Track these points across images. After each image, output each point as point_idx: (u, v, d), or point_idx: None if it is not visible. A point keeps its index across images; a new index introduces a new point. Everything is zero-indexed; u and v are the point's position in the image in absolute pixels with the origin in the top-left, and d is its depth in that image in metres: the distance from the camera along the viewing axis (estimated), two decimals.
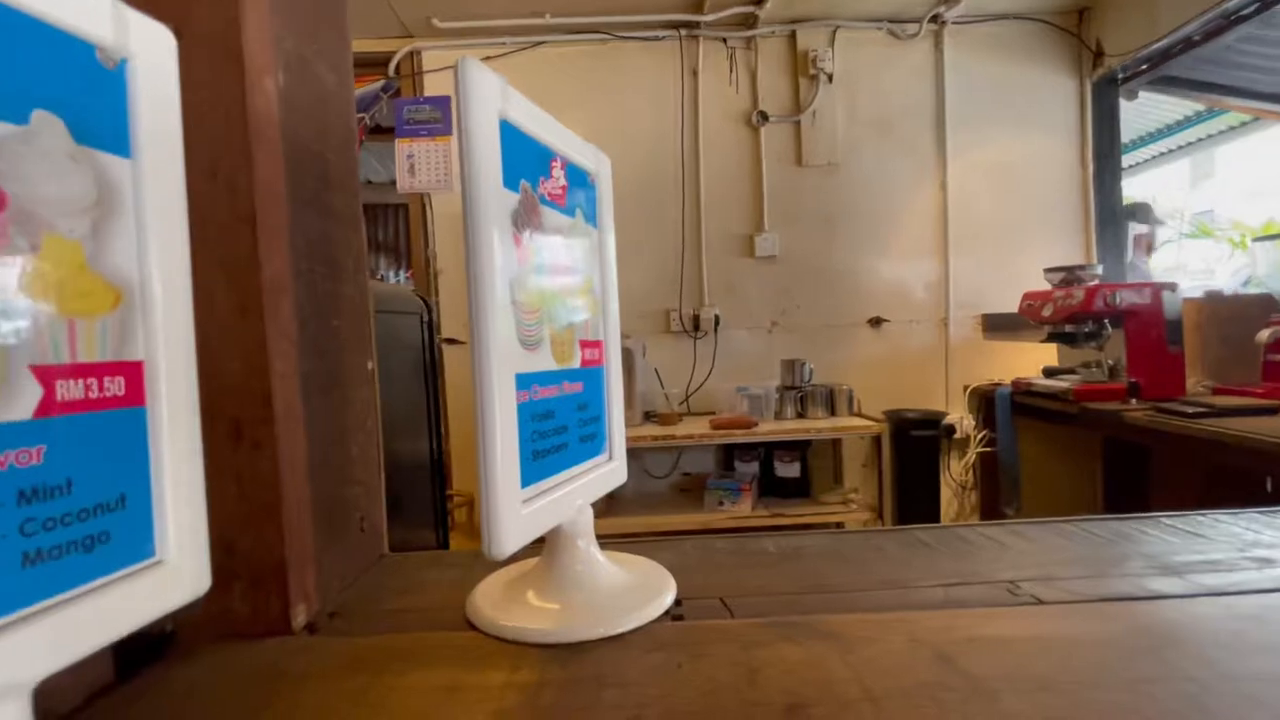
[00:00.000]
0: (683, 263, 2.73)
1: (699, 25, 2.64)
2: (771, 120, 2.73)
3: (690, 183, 2.73)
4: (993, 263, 2.74)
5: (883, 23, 2.70)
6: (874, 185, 2.74)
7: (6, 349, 0.17)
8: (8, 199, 0.17)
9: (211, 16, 0.27)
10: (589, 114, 2.70)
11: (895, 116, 2.73)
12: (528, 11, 2.54)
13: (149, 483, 0.21)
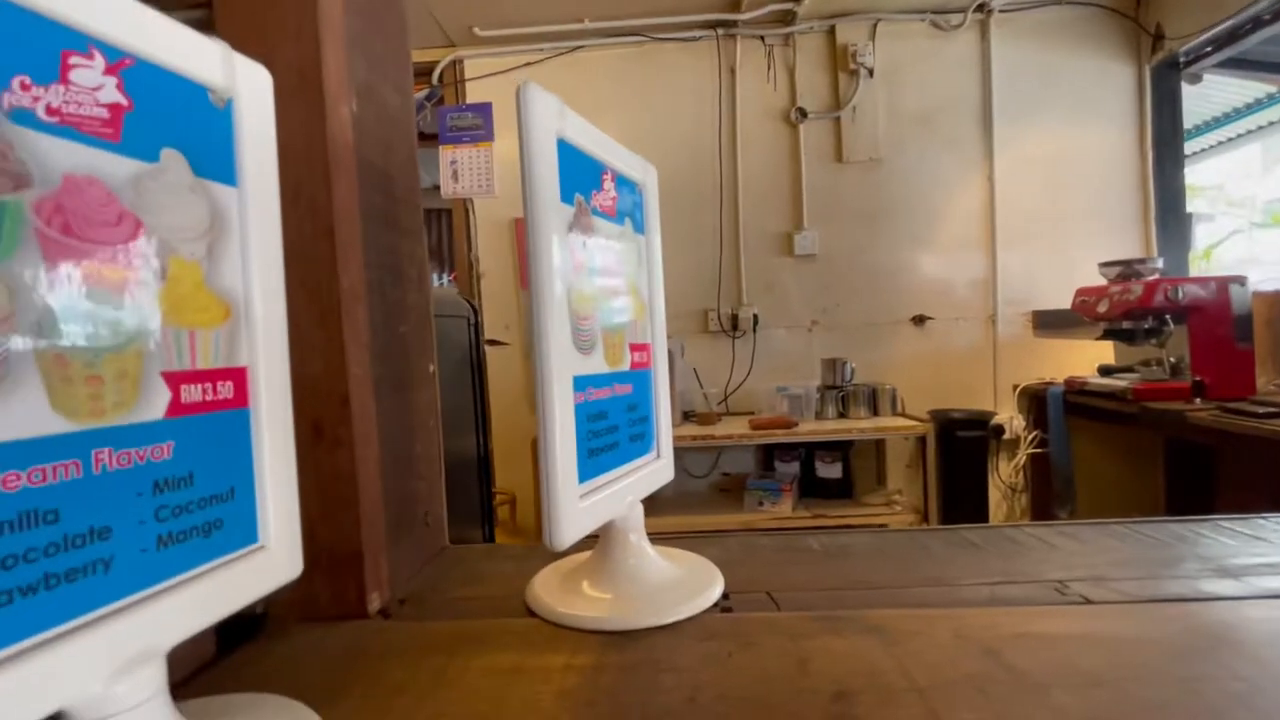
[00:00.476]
0: (720, 262, 2.73)
1: (736, 24, 2.64)
2: (811, 117, 2.70)
3: (728, 182, 2.73)
4: (1043, 258, 2.65)
5: (925, 14, 2.64)
6: (917, 180, 2.68)
7: (145, 357, 0.19)
8: (142, 228, 0.19)
9: (296, 52, 0.30)
10: (627, 115, 2.72)
11: (939, 110, 2.67)
12: (567, 17, 2.57)
13: (252, 476, 0.23)
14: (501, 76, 2.70)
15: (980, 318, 2.71)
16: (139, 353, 0.19)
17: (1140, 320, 1.97)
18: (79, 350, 0.17)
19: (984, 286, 2.71)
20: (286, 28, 0.30)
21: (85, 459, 0.17)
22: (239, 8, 0.30)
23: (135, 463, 0.19)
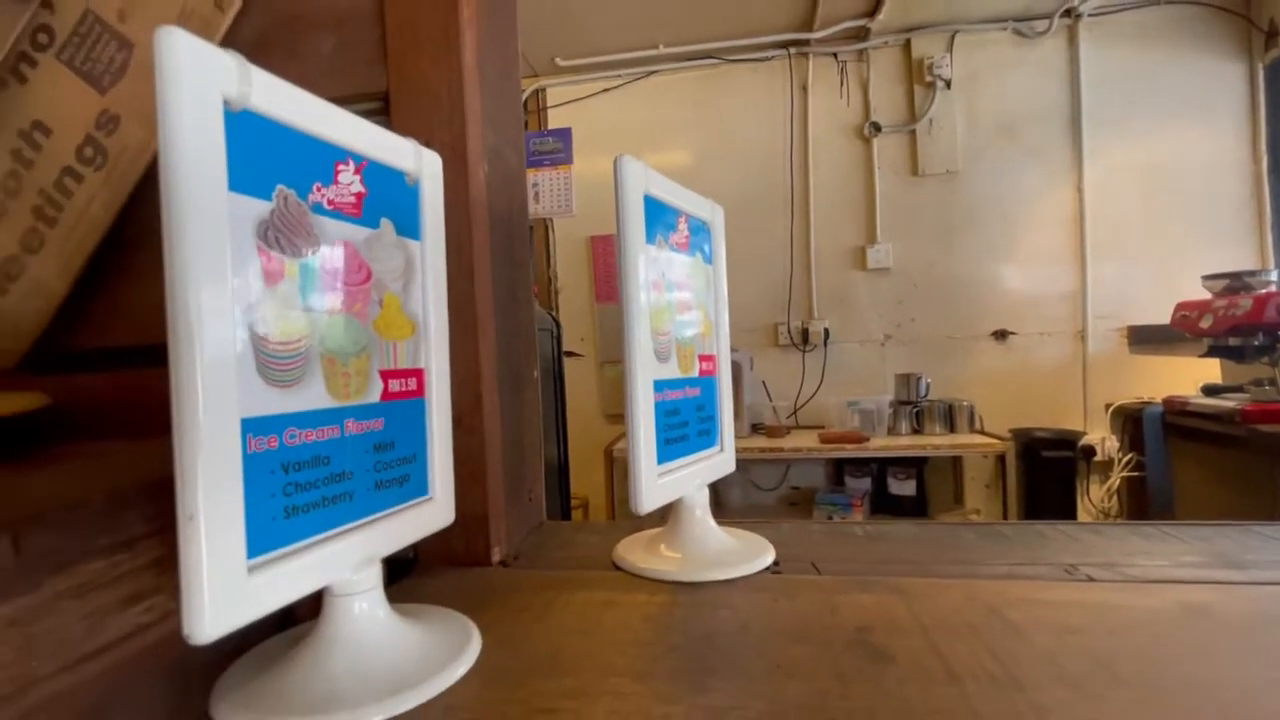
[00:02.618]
0: (791, 276, 2.75)
1: (809, 43, 2.67)
2: (885, 131, 2.69)
3: (800, 196, 2.75)
4: (1139, 270, 2.50)
5: (1007, 23, 2.58)
6: (997, 192, 2.61)
7: (370, 359, 0.29)
8: (371, 274, 0.29)
9: (448, 133, 0.40)
10: (699, 134, 2.80)
11: (1021, 119, 2.59)
12: (642, 43, 2.70)
13: (426, 447, 0.32)
14: (581, 102, 2.86)
15: (1068, 333, 2.59)
16: (368, 356, 0.28)
17: (1250, 337, 1.85)
18: (340, 354, 0.27)
19: (1073, 300, 2.59)
20: (441, 114, 0.40)
21: (341, 425, 0.27)
22: (408, 100, 0.40)
23: (366, 430, 0.28)
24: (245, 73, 0.22)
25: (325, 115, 0.26)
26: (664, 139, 2.84)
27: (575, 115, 2.87)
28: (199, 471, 0.20)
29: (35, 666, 0.19)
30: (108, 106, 0.43)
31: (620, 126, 2.82)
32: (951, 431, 2.36)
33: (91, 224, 0.44)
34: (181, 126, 0.20)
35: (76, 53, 0.44)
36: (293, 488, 0.24)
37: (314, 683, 0.25)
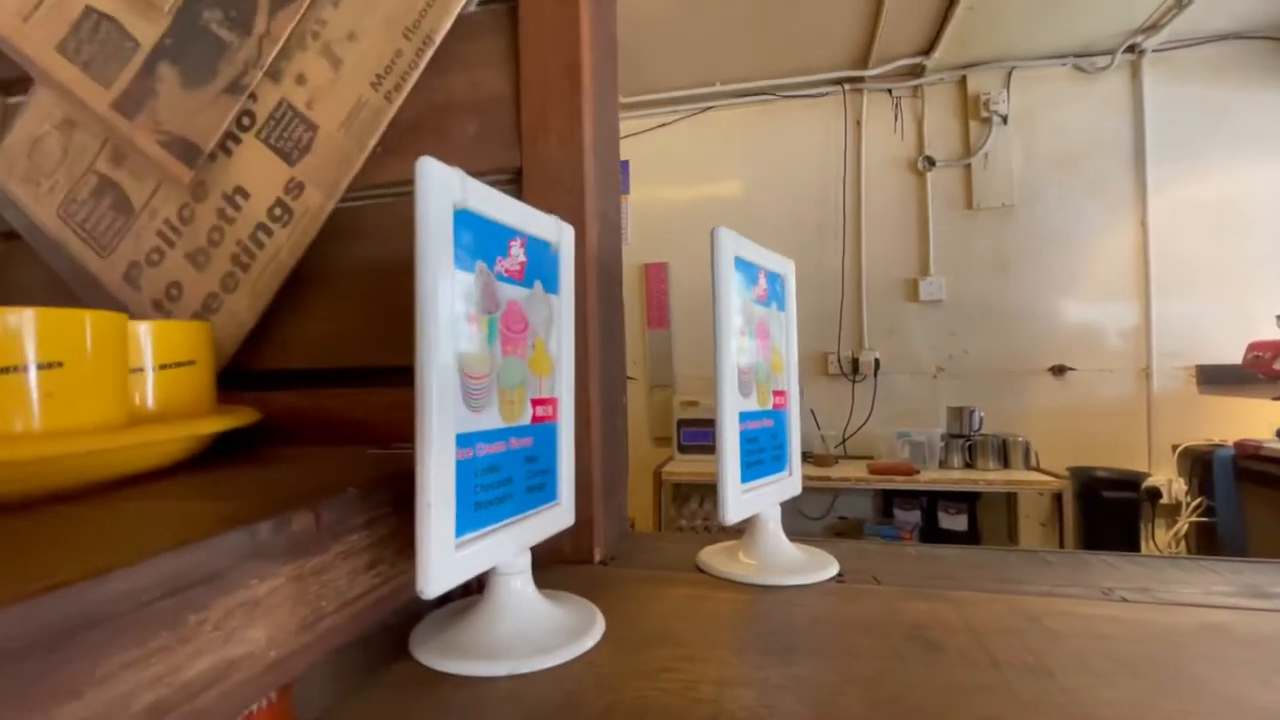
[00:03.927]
0: (841, 306, 2.78)
1: (863, 80, 2.74)
2: (939, 165, 2.71)
3: (851, 228, 2.79)
4: (1208, 307, 2.44)
5: (1066, 58, 2.59)
6: (1055, 226, 2.59)
7: (525, 390, 0.37)
8: (529, 325, 0.37)
9: (569, 203, 0.48)
10: (753, 167, 2.88)
11: (1081, 154, 2.58)
12: (699, 81, 2.81)
13: (556, 460, 0.40)
14: (639, 136, 2.98)
15: (1131, 370, 2.54)
16: (524, 387, 0.37)
17: None
18: (509, 386, 0.35)
19: (1136, 337, 2.54)
20: (564, 185, 0.49)
21: (507, 441, 0.35)
22: (537, 175, 0.49)
23: (521, 446, 0.36)
24: (465, 183, 0.31)
25: (506, 206, 0.35)
26: (717, 170, 2.93)
27: (630, 147, 2.99)
28: (432, 471, 0.28)
29: (324, 605, 0.28)
30: (295, 175, 0.54)
31: (674, 158, 2.93)
32: (1005, 467, 2.33)
33: (277, 269, 0.54)
34: (429, 222, 0.29)
35: (272, 133, 0.55)
36: (480, 488, 0.32)
37: (486, 638, 0.32)
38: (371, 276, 0.55)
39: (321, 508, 0.28)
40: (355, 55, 0.53)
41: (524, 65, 0.50)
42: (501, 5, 0.52)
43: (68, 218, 0.60)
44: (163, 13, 0.57)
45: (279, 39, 0.54)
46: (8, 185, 0.62)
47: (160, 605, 0.20)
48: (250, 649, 0.24)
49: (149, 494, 0.31)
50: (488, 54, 0.52)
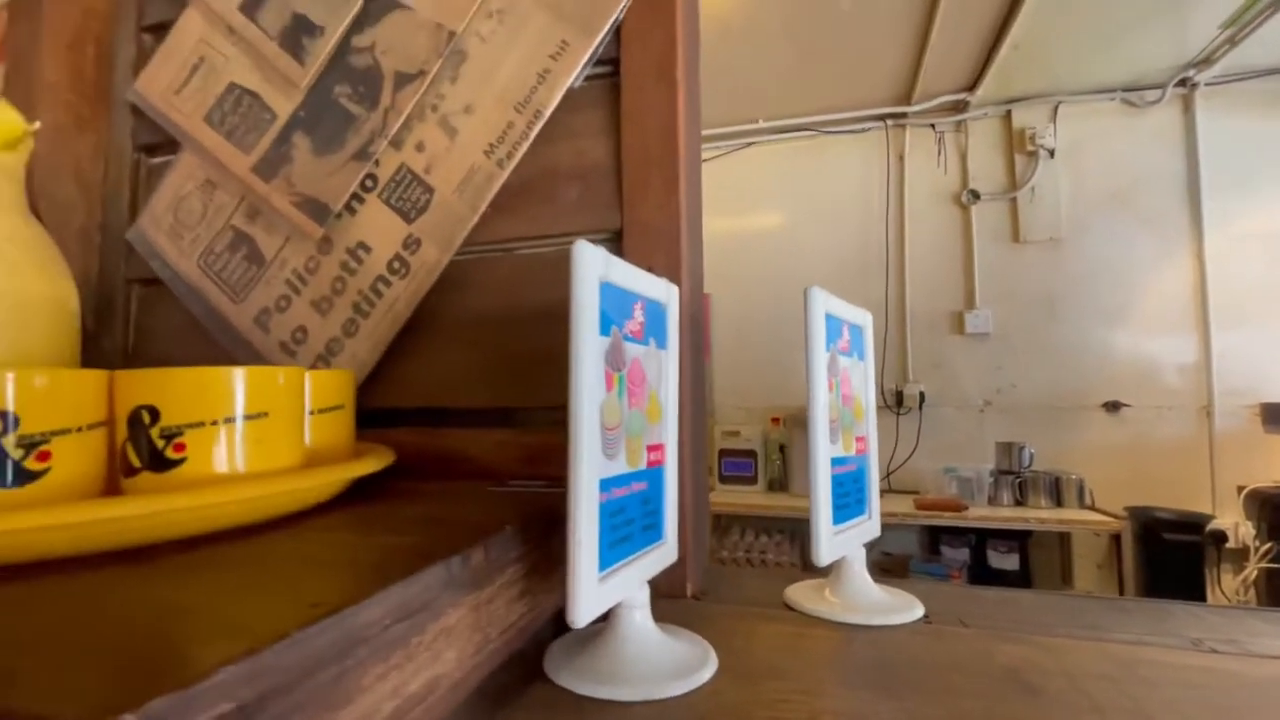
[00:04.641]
0: (885, 338, 2.77)
1: (906, 115, 2.77)
2: (984, 198, 2.71)
3: (895, 261, 2.80)
4: (1271, 344, 2.36)
5: (1115, 93, 2.58)
6: (1106, 259, 2.55)
7: (644, 438, 0.41)
8: (646, 377, 0.41)
9: (665, 261, 0.53)
10: (796, 201, 2.92)
11: (1131, 187, 2.55)
12: (743, 118, 2.88)
13: (663, 501, 0.44)
14: None
15: (1191, 407, 2.46)
16: (643, 435, 0.40)
17: None
18: (633, 434, 0.39)
19: (1195, 373, 2.47)
20: (661, 245, 0.53)
21: (630, 485, 0.39)
22: (636, 235, 0.54)
23: (640, 489, 0.40)
24: (607, 259, 0.35)
25: (635, 275, 0.39)
26: (759, 203, 2.98)
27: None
28: (583, 513, 0.32)
29: (490, 631, 0.31)
30: (412, 232, 0.60)
31: (716, 191, 2.99)
32: (1058, 505, 2.27)
33: (394, 318, 0.59)
34: (582, 296, 0.33)
35: (392, 194, 0.61)
36: (611, 527, 0.36)
37: (617, 665, 0.36)
38: (477, 325, 0.60)
39: (489, 544, 0.32)
40: (470, 126, 0.59)
41: (625, 136, 0.55)
42: (603, 81, 0.58)
43: (206, 267, 0.67)
44: (298, 89, 0.64)
45: (402, 112, 0.60)
46: (154, 238, 0.69)
47: (395, 629, 0.24)
48: (446, 669, 0.28)
49: (328, 527, 0.35)
50: (590, 125, 0.57)
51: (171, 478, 0.32)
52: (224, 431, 0.33)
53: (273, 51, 0.65)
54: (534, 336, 0.58)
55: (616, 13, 0.55)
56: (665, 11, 0.55)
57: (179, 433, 0.32)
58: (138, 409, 0.32)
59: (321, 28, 0.63)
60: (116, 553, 0.29)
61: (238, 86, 0.67)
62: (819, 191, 2.90)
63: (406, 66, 0.61)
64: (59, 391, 0.30)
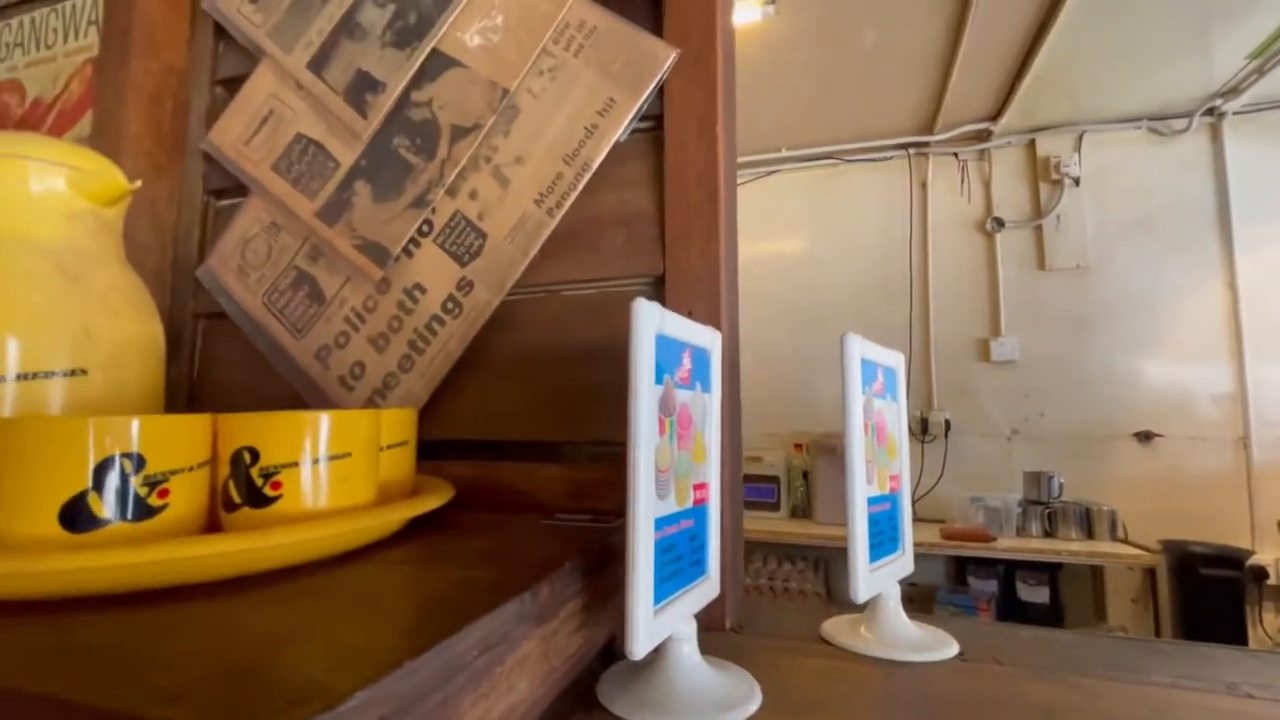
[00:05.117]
0: (909, 365, 2.76)
1: (928, 144, 2.79)
2: (1008, 226, 2.71)
3: (919, 287, 2.80)
4: None
5: (1140, 121, 2.58)
6: (1135, 287, 2.53)
7: (690, 478, 0.43)
8: (693, 420, 0.44)
9: (706, 307, 0.56)
10: (818, 228, 2.95)
11: (1159, 215, 2.54)
12: (766, 147, 2.93)
13: (708, 538, 0.46)
14: None
15: (1227, 439, 2.41)
16: (689, 475, 0.43)
17: None
18: (681, 475, 0.41)
19: (1230, 403, 2.42)
20: (701, 290, 0.56)
21: (678, 523, 0.41)
22: (678, 280, 0.57)
23: (687, 527, 0.42)
24: (663, 314, 0.38)
25: (685, 326, 0.42)
26: (781, 229, 3.01)
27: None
28: (641, 551, 0.35)
29: (555, 661, 0.34)
30: (465, 275, 0.64)
31: (739, 217, 3.02)
32: (1090, 538, 2.23)
33: (447, 356, 0.63)
34: (640, 349, 0.36)
35: (447, 239, 0.65)
36: (663, 564, 0.38)
37: (669, 696, 0.38)
38: (524, 362, 0.63)
39: (553, 579, 0.34)
40: (522, 177, 0.63)
41: (668, 188, 0.58)
42: (647, 135, 0.61)
43: (270, 304, 0.71)
44: (361, 140, 0.69)
45: (458, 163, 0.64)
46: (223, 276, 0.74)
47: (481, 659, 0.27)
48: (520, 697, 0.30)
49: (401, 559, 0.38)
50: (635, 176, 0.61)
51: (268, 513, 0.35)
52: (314, 470, 0.36)
53: (337, 105, 0.70)
54: (578, 373, 0.61)
55: (660, 74, 0.59)
56: (706, 72, 0.58)
57: (276, 472, 0.35)
58: (240, 450, 0.35)
59: (383, 84, 0.68)
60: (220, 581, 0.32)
61: (304, 137, 0.72)
62: (841, 218, 2.93)
63: (462, 120, 0.65)
64: (177, 434, 0.33)
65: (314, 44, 0.73)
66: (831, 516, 2.44)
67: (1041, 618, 2.21)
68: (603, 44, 0.62)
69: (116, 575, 0.29)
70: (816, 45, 2.15)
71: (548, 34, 0.63)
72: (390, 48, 0.69)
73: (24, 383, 0.44)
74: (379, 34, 0.70)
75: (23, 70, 0.93)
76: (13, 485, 0.30)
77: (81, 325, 0.46)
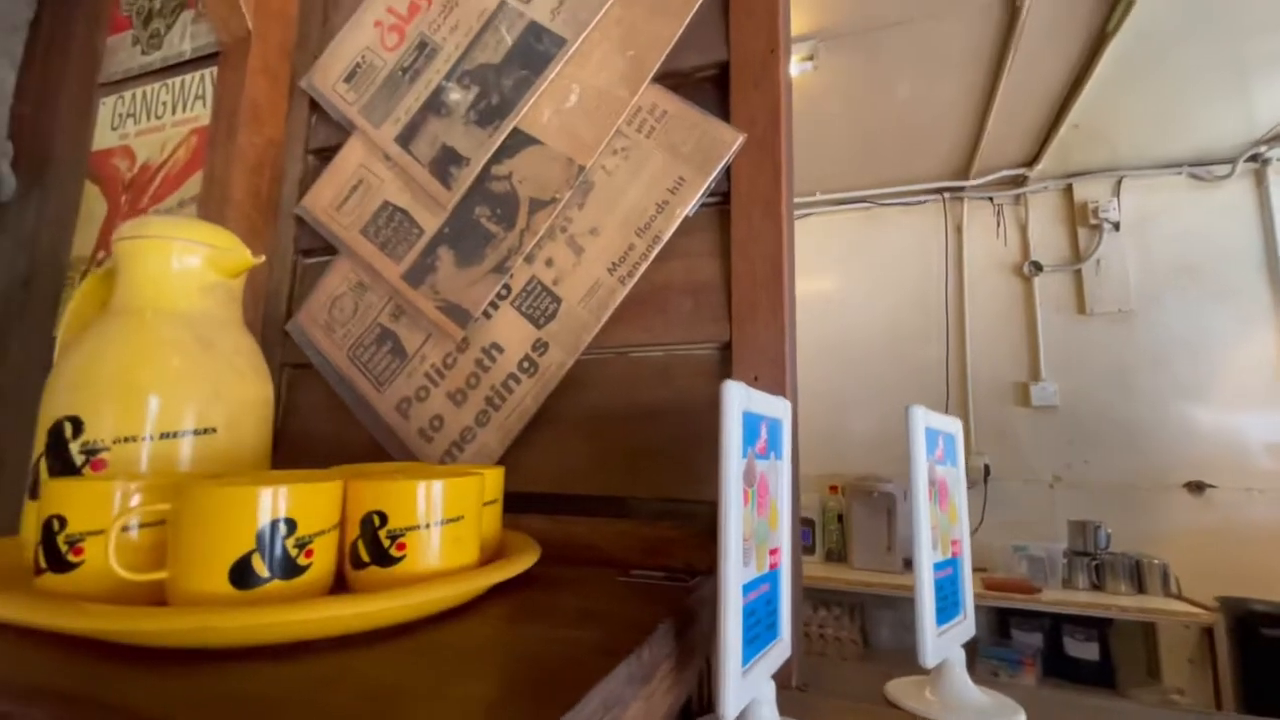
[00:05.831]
0: (946, 407, 2.73)
1: (964, 189, 2.82)
2: (1046, 270, 2.70)
3: (955, 329, 2.79)
4: None
5: (1181, 167, 2.57)
6: (1181, 333, 2.49)
7: (767, 542, 0.46)
8: (769, 488, 0.47)
9: (771, 372, 0.59)
10: (853, 269, 2.97)
11: (1205, 261, 2.50)
12: (800, 191, 2.99)
13: (780, 601, 0.48)
14: None
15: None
16: (766, 540, 0.46)
17: None
18: (759, 542, 0.44)
19: None
20: (766, 357, 0.60)
21: (758, 587, 0.44)
22: (744, 347, 0.61)
23: (765, 592, 0.45)
24: (749, 392, 0.42)
25: (763, 401, 0.45)
26: (815, 270, 3.04)
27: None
28: (732, 616, 0.37)
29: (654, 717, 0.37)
30: (541, 336, 0.68)
31: None
32: (1141, 592, 2.15)
33: (522, 413, 0.67)
34: (731, 428, 0.40)
35: (524, 302, 0.70)
36: (747, 629, 0.41)
37: None
38: (593, 419, 0.67)
39: (651, 641, 0.37)
40: (596, 247, 0.67)
41: (735, 260, 0.62)
42: (714, 209, 0.66)
43: (355, 358, 0.77)
44: (445, 209, 0.75)
45: (536, 233, 0.70)
46: (311, 331, 0.80)
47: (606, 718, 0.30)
48: None
49: (504, 615, 0.42)
50: (702, 247, 0.65)
51: (394, 572, 0.39)
52: (434, 533, 0.40)
53: (423, 177, 0.77)
54: (644, 431, 0.65)
55: (728, 156, 0.64)
56: (771, 155, 0.63)
57: (401, 534, 0.39)
58: (370, 513, 0.39)
59: (467, 159, 0.74)
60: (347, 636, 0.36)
61: (391, 205, 0.78)
62: (875, 260, 2.95)
63: (540, 194, 0.71)
64: (320, 500, 0.38)
65: (402, 120, 0.80)
66: (867, 562, 2.40)
67: (1091, 676, 2.12)
68: (673, 127, 0.67)
69: (278, 630, 0.33)
70: (853, 98, 2.21)
71: (621, 117, 0.69)
72: (473, 125, 0.75)
73: (163, 441, 0.49)
74: (463, 113, 0.76)
75: (133, 138, 1.03)
76: (189, 545, 0.34)
77: (213, 388, 0.52)
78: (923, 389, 2.74)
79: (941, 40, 1.91)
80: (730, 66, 0.66)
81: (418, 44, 0.82)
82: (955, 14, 1.80)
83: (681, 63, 0.68)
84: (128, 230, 0.53)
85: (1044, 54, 1.94)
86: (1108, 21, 1.79)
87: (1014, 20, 1.79)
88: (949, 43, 1.92)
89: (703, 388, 0.63)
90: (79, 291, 0.57)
